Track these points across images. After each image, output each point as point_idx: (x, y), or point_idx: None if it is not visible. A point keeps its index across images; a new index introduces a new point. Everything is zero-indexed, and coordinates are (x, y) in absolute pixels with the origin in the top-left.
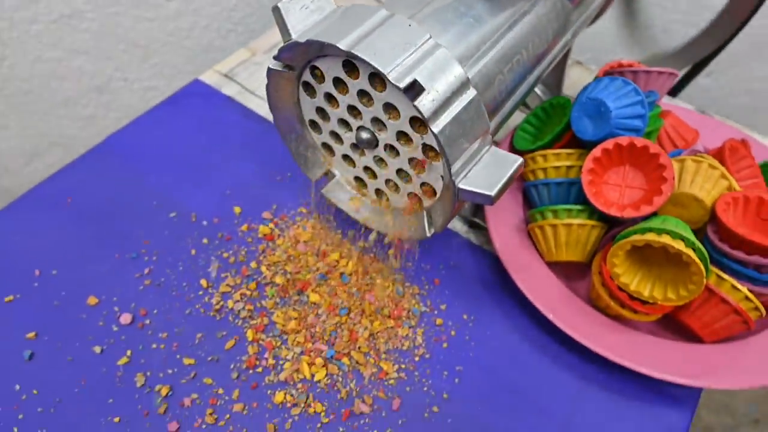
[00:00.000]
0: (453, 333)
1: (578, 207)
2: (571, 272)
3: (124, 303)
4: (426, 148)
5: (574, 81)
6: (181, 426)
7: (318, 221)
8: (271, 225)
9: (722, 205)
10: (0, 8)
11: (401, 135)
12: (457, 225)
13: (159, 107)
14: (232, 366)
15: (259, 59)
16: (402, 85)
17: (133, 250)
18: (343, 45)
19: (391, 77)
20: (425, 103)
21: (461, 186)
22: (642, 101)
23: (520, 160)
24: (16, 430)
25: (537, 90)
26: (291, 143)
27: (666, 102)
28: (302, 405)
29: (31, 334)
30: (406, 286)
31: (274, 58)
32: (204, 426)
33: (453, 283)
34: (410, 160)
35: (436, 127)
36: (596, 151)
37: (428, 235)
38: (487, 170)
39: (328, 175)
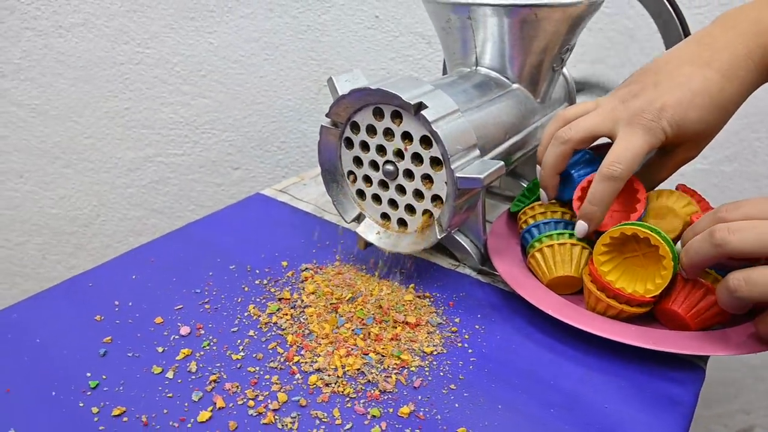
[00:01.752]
0: (467, 336)
1: (563, 231)
2: (569, 298)
3: (184, 321)
4: (432, 161)
5: None
6: (225, 400)
7: (342, 262)
8: (312, 270)
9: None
10: (108, 175)
11: (415, 157)
12: (467, 270)
13: (231, 207)
14: (272, 360)
15: (306, 182)
16: (412, 102)
17: (197, 287)
18: (373, 86)
19: (404, 97)
20: (428, 114)
21: (458, 174)
22: (592, 158)
23: (501, 162)
24: (82, 404)
25: None
26: (332, 192)
27: None
28: (333, 385)
29: (107, 339)
30: (423, 306)
31: (326, 115)
32: (245, 401)
33: (465, 305)
34: (422, 177)
35: (437, 127)
36: (583, 182)
37: (439, 237)
38: (478, 168)
39: (359, 218)
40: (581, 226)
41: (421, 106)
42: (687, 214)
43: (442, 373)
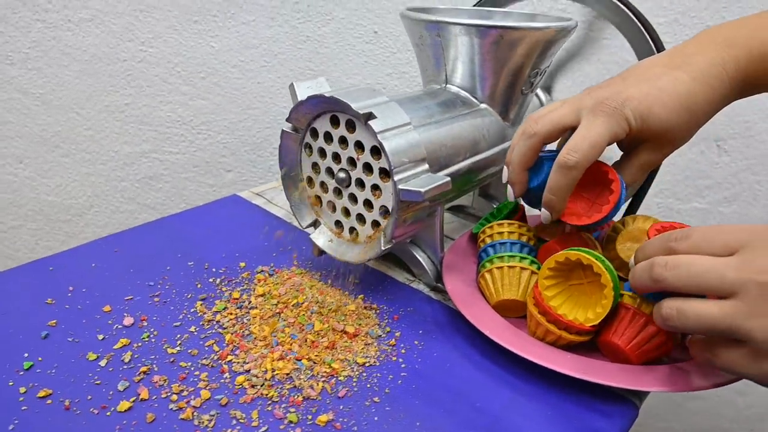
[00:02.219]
0: (404, 351)
1: (515, 254)
2: (514, 322)
3: (131, 311)
4: (381, 172)
5: None
6: (150, 392)
7: (299, 267)
8: (266, 272)
9: (653, 232)
10: (104, 167)
11: (366, 167)
12: (421, 286)
13: (204, 206)
14: (206, 357)
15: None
16: (362, 112)
17: (152, 280)
18: (327, 94)
19: (354, 107)
20: (376, 124)
21: (401, 186)
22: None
23: (447, 178)
24: (11, 383)
25: None
26: (291, 196)
27: None
28: (259, 387)
29: (52, 322)
30: (366, 317)
31: (286, 120)
32: (168, 395)
33: (410, 320)
34: (372, 187)
35: (383, 138)
36: None
37: (383, 248)
38: (423, 181)
39: (315, 224)
40: (544, 214)
41: (370, 116)
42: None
43: (369, 386)
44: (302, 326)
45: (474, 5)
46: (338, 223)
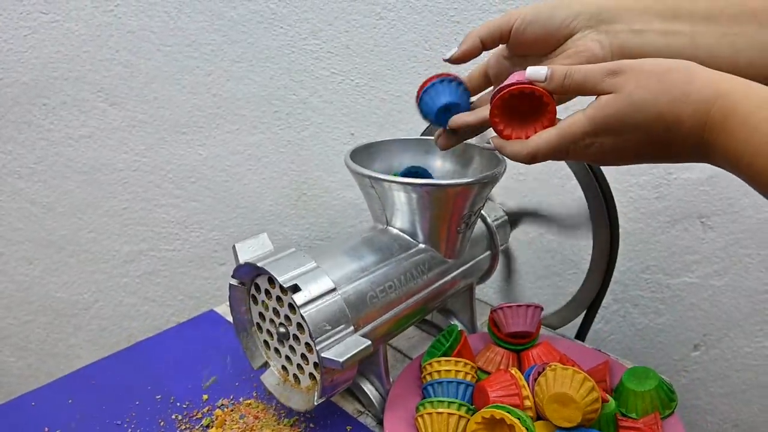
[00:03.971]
0: None
1: (443, 400)
2: None
3: None
4: (311, 335)
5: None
6: None
7: (257, 399)
8: (226, 406)
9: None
10: (106, 265)
11: (299, 326)
12: (368, 420)
13: (182, 325)
14: None
15: None
16: (287, 285)
17: (120, 418)
18: (260, 263)
19: (280, 280)
20: (298, 297)
21: (322, 354)
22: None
23: (368, 342)
24: None
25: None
26: (243, 339)
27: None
28: None
29: None
30: None
31: (232, 276)
32: None
33: None
34: (306, 345)
35: (304, 310)
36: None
37: (316, 402)
38: (345, 347)
39: (266, 365)
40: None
41: (295, 288)
42: (588, 403)
43: None
44: None
45: (422, 133)
46: (284, 368)
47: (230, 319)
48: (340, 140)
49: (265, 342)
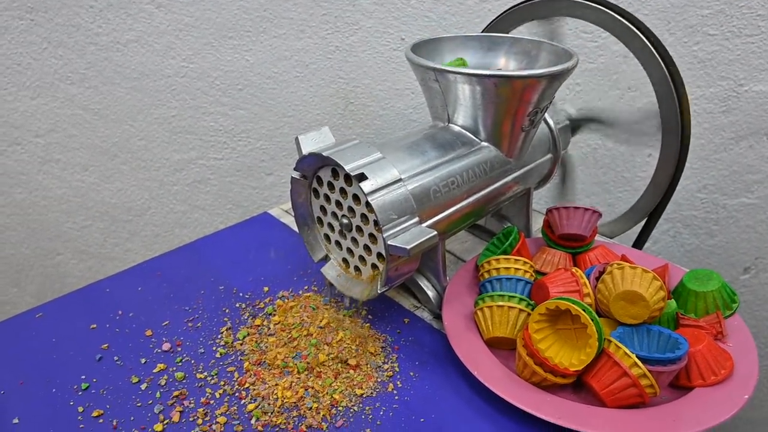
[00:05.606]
0: (399, 384)
1: (504, 293)
2: (506, 358)
3: (169, 336)
4: (375, 223)
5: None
6: (181, 415)
7: (316, 292)
8: (286, 297)
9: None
10: (157, 173)
11: (363, 217)
12: (425, 313)
13: (237, 225)
14: (227, 383)
15: None
16: (353, 173)
17: (188, 305)
18: (325, 153)
19: (347, 168)
20: (366, 185)
21: (389, 242)
22: None
23: (434, 233)
24: (72, 403)
25: None
26: (304, 234)
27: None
28: (269, 414)
29: (104, 345)
30: (370, 348)
31: (294, 169)
32: (195, 418)
33: (410, 351)
34: (370, 235)
35: (372, 198)
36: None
37: (379, 291)
38: (411, 236)
39: (326, 258)
40: None
41: (362, 176)
42: (656, 302)
43: (363, 416)
44: (314, 356)
45: (483, 30)
46: (345, 260)
47: (284, 221)
48: (390, 46)
49: (326, 236)
